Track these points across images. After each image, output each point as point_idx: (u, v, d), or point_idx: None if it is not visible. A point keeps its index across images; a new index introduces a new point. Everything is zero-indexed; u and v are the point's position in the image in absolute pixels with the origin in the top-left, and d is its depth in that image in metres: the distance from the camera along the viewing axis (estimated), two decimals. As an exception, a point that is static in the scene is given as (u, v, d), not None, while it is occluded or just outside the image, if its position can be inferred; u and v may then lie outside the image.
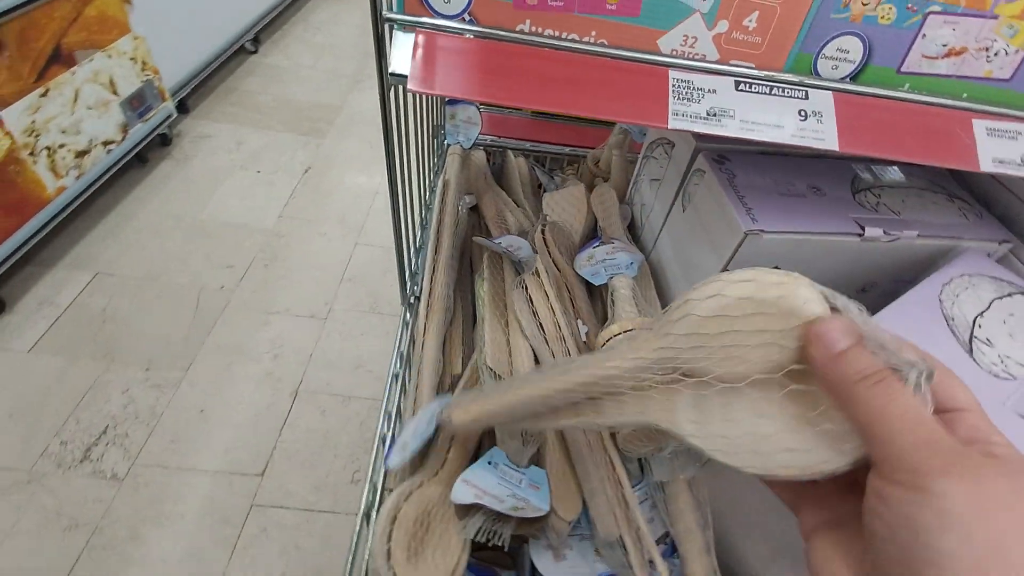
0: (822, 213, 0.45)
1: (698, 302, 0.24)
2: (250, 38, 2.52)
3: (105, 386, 1.41)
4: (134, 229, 1.78)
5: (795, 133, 0.34)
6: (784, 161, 0.51)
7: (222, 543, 1.21)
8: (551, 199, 0.68)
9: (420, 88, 0.31)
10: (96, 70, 1.61)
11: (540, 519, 0.38)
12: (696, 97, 0.34)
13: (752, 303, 0.23)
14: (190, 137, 2.14)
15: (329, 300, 1.71)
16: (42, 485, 1.23)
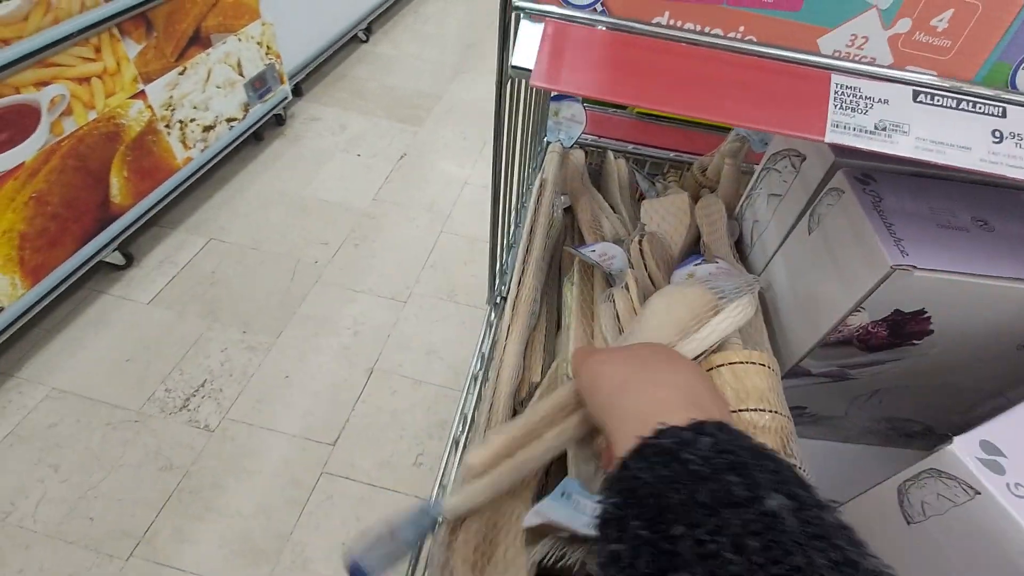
0: (990, 252, 0.38)
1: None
2: (363, 27, 2.64)
3: (207, 343, 1.53)
4: (245, 200, 1.92)
5: (985, 158, 0.28)
6: (943, 186, 0.44)
7: (292, 504, 1.28)
8: (651, 207, 0.64)
9: (544, 84, 0.29)
10: (228, 52, 1.75)
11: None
12: (863, 107, 0.29)
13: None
14: (301, 119, 2.28)
15: (410, 284, 1.75)
16: (146, 426, 1.36)
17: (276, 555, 1.21)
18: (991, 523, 0.26)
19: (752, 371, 0.40)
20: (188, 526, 1.22)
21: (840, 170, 0.44)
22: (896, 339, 0.43)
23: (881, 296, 0.38)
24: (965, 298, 0.38)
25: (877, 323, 0.41)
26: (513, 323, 0.53)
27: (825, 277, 0.44)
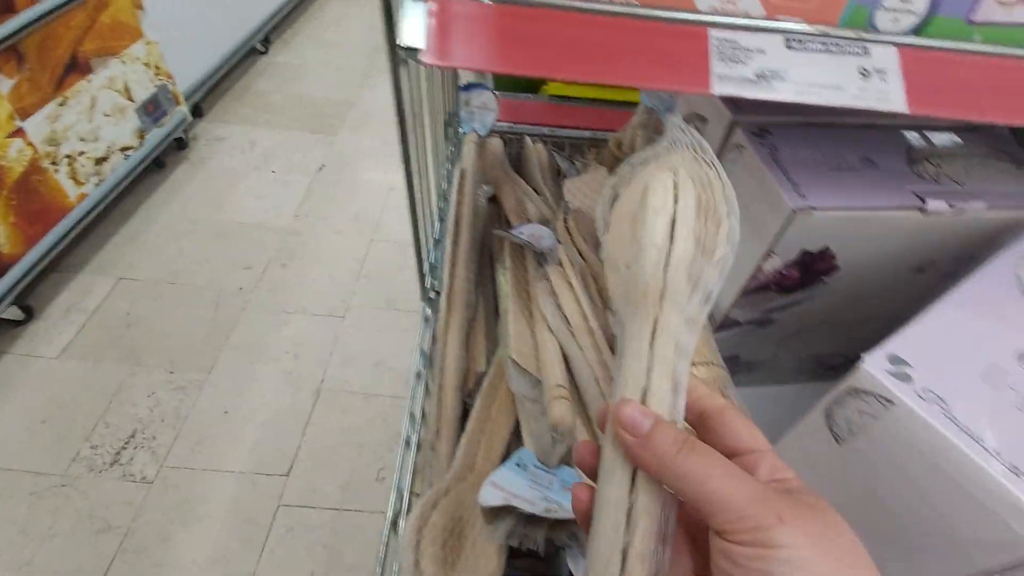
0: (878, 187, 0.41)
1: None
2: (260, 39, 2.52)
3: (131, 389, 1.42)
4: (154, 233, 1.79)
5: (856, 95, 0.30)
6: (832, 133, 0.47)
7: (250, 543, 1.21)
8: (572, 185, 0.65)
9: (435, 61, 0.28)
10: (111, 77, 1.62)
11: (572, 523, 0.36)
12: (743, 58, 0.30)
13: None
14: (205, 140, 2.15)
15: (346, 298, 1.70)
16: (75, 489, 1.25)
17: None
18: (907, 429, 0.28)
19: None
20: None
21: (738, 126, 0.46)
22: (808, 278, 0.45)
23: (788, 239, 0.41)
24: (861, 231, 0.41)
25: (789, 265, 0.44)
26: (450, 316, 0.52)
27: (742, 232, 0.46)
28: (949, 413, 0.27)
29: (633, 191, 0.25)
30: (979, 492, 0.26)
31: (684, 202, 0.24)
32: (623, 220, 0.25)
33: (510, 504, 0.34)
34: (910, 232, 0.42)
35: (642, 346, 0.23)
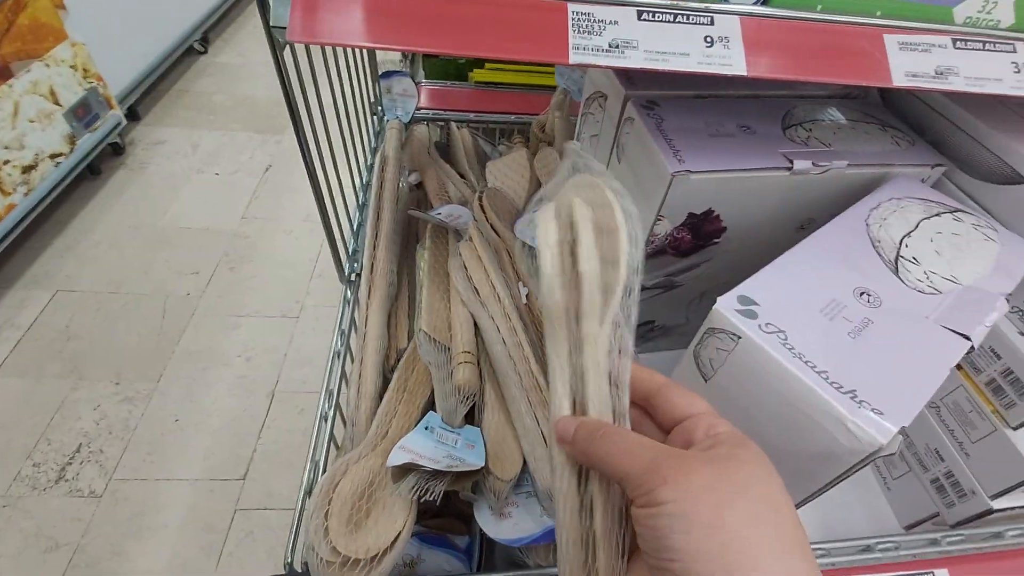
0: (751, 150, 0.45)
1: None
2: (198, 38, 2.45)
3: (74, 404, 1.37)
4: (92, 242, 1.73)
5: (701, 60, 0.33)
6: (717, 103, 0.50)
7: (208, 550, 1.19)
8: (494, 167, 0.67)
9: (300, 38, 0.30)
10: (34, 81, 1.55)
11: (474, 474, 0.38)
12: (597, 29, 0.32)
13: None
14: (143, 144, 2.08)
15: (300, 298, 1.68)
16: (18, 509, 1.20)
17: (200, 607, 1.13)
18: (752, 359, 0.31)
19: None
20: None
21: (630, 100, 0.49)
22: (699, 240, 0.49)
23: (672, 202, 0.43)
24: (740, 192, 0.45)
25: (680, 228, 0.47)
26: (372, 296, 0.53)
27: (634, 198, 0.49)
28: (786, 342, 0.30)
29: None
30: (810, 409, 0.29)
31: (582, 227, 0.27)
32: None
33: (416, 463, 0.36)
34: (783, 191, 0.45)
35: (561, 362, 0.27)
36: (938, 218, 0.40)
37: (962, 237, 0.39)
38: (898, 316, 0.33)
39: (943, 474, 0.48)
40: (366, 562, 0.34)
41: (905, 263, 0.36)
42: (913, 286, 0.35)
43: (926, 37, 0.36)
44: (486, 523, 0.37)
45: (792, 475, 0.32)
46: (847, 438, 0.28)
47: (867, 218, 0.40)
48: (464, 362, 0.42)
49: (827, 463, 0.30)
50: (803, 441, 0.30)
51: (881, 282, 0.35)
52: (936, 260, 0.37)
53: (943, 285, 0.35)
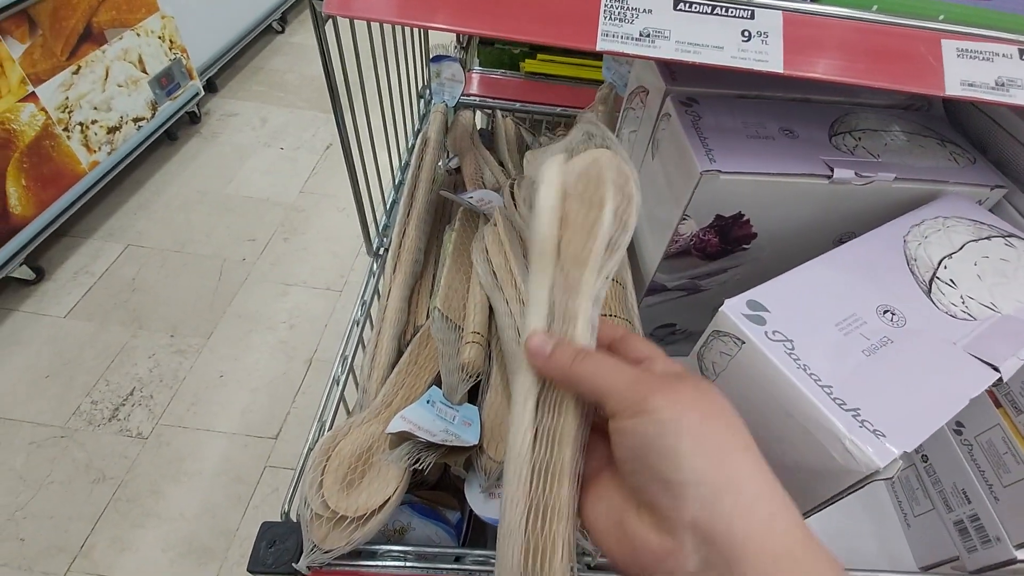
0: (790, 155, 0.43)
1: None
2: (277, 18, 2.56)
3: (133, 351, 1.48)
4: (163, 203, 1.85)
5: (736, 55, 0.32)
6: (761, 105, 0.49)
7: (236, 500, 1.26)
8: (532, 156, 0.67)
9: (337, 11, 0.31)
10: (126, 48, 1.67)
11: (467, 450, 0.38)
12: (629, 17, 0.32)
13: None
14: (217, 115, 2.20)
15: (345, 273, 1.74)
16: (74, 440, 1.31)
17: (224, 552, 1.20)
18: (754, 366, 0.30)
19: (599, 284, 0.44)
20: (127, 535, 1.19)
21: (669, 96, 0.48)
22: (727, 244, 0.47)
23: (700, 201, 0.42)
24: (773, 197, 0.43)
25: (706, 230, 0.46)
26: (397, 271, 0.55)
27: (663, 195, 0.48)
28: (792, 352, 0.29)
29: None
30: (809, 424, 0.28)
31: (608, 177, 0.28)
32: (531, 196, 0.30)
33: (412, 433, 0.37)
34: (820, 200, 0.43)
35: (541, 294, 0.28)
36: (987, 241, 0.37)
37: (1011, 264, 0.36)
38: (922, 338, 0.31)
39: (968, 516, 0.45)
40: (353, 520, 0.35)
41: (940, 284, 0.34)
42: (945, 309, 0.33)
43: (989, 45, 0.34)
44: (474, 500, 0.38)
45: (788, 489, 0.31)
46: (844, 457, 0.26)
47: (906, 234, 0.38)
48: (472, 342, 0.43)
49: (823, 480, 0.28)
50: (801, 456, 0.29)
51: (909, 302, 0.33)
52: (976, 285, 0.34)
53: (979, 312, 0.33)
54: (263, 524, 0.38)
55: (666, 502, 0.21)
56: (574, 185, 0.28)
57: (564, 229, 0.28)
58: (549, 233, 0.28)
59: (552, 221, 0.28)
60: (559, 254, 0.28)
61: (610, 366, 0.24)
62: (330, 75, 0.42)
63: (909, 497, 0.52)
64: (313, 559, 0.34)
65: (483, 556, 0.38)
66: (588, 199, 0.28)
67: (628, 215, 0.28)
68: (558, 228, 0.28)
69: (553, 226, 0.28)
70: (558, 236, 0.28)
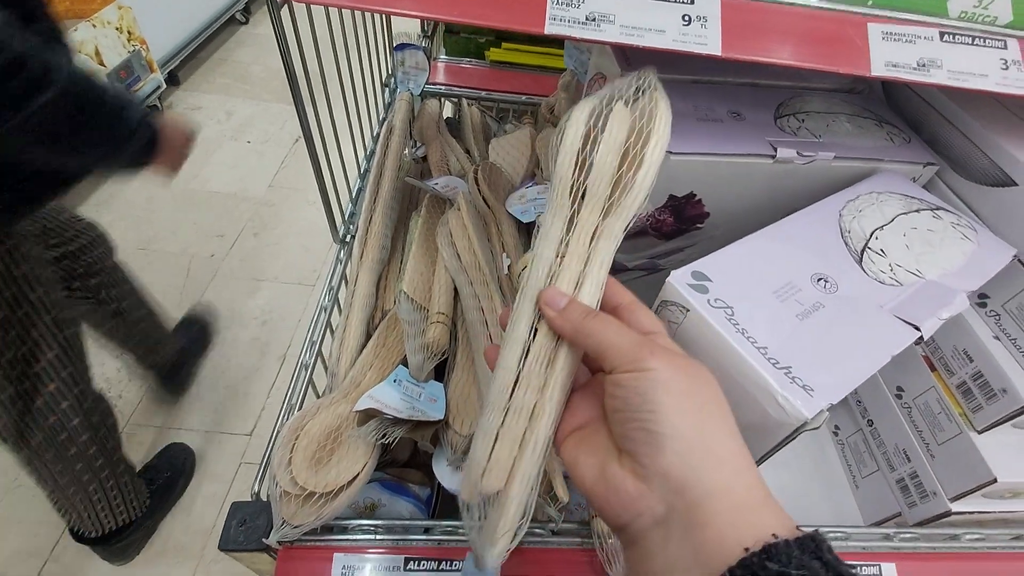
0: (738, 136, 0.45)
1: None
2: (240, 8, 2.51)
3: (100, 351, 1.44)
4: (126, 200, 1.80)
5: (677, 38, 0.34)
6: (712, 89, 0.51)
7: (211, 498, 1.25)
8: (497, 144, 0.68)
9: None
10: (81, 40, 1.62)
11: (433, 425, 0.39)
12: (576, 2, 0.33)
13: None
14: (181, 108, 2.15)
15: (317, 268, 1.73)
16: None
17: (200, 550, 1.19)
18: (699, 332, 0.32)
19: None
20: (99, 536, 1.17)
21: (624, 81, 0.50)
22: (681, 224, 0.49)
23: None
24: (722, 176, 0.45)
25: (661, 210, 0.47)
26: (364, 257, 0.56)
27: (621, 177, 0.49)
28: (732, 318, 0.31)
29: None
30: (747, 382, 0.30)
31: (613, 124, 0.28)
32: (555, 137, 0.30)
33: (380, 411, 0.38)
34: (767, 179, 0.45)
35: (555, 234, 0.29)
36: (916, 214, 0.40)
37: (937, 234, 0.39)
38: (852, 303, 0.33)
39: (908, 474, 0.48)
40: (322, 495, 0.36)
41: (871, 254, 0.36)
42: (875, 276, 0.35)
43: (912, 28, 0.36)
44: (442, 474, 0.39)
45: (729, 447, 0.33)
46: (776, 411, 0.28)
47: (842, 208, 0.40)
48: (437, 322, 0.44)
49: (761, 434, 0.30)
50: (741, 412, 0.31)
51: (842, 270, 0.35)
52: (904, 254, 0.37)
53: (905, 278, 0.35)
54: (233, 504, 0.38)
55: (645, 450, 0.24)
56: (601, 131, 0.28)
57: (584, 173, 0.28)
58: (567, 172, 0.29)
59: (572, 163, 0.28)
60: (579, 198, 0.29)
61: (616, 327, 0.26)
62: (288, 64, 0.42)
63: (857, 461, 0.55)
64: (283, 534, 0.35)
65: (451, 527, 0.40)
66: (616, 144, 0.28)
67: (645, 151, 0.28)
68: (578, 172, 0.28)
69: (573, 169, 0.28)
70: (578, 181, 0.28)
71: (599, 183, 0.28)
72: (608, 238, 0.29)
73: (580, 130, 0.28)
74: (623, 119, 0.29)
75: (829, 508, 0.55)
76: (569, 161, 0.28)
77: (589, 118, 0.29)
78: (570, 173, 0.28)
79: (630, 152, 0.28)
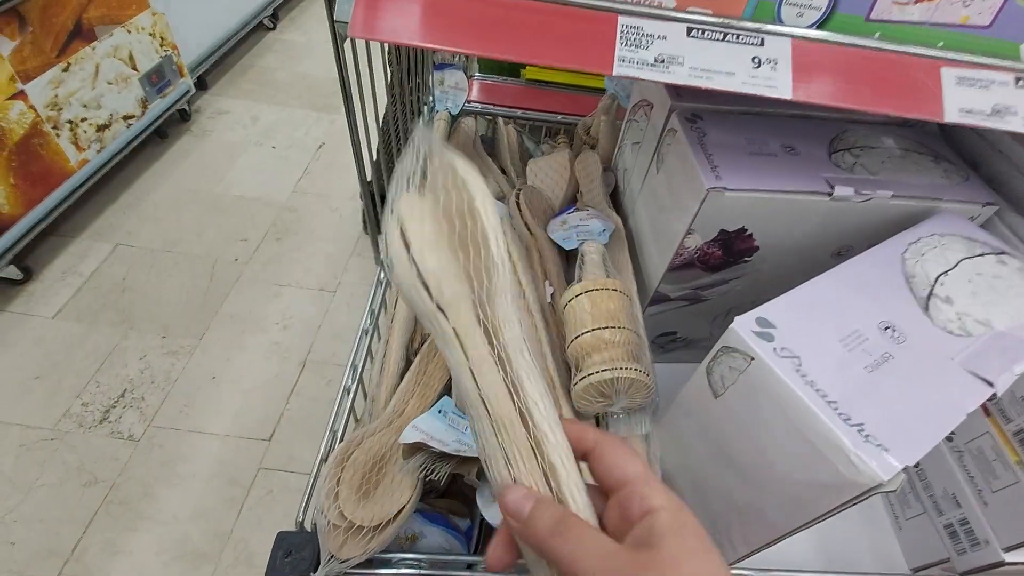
0: (793, 172, 0.44)
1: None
2: (268, 15, 2.54)
3: (123, 352, 1.46)
4: (153, 202, 1.83)
5: (747, 81, 0.33)
6: (762, 120, 0.50)
7: (230, 503, 1.26)
8: (535, 165, 0.68)
9: (361, 34, 0.31)
10: (116, 45, 1.65)
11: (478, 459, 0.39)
12: (644, 44, 0.33)
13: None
14: (208, 113, 2.18)
15: (338, 274, 1.74)
16: (64, 443, 1.30)
17: (218, 554, 1.19)
18: (763, 381, 0.31)
19: (606, 296, 0.45)
20: (120, 538, 1.18)
21: (674, 112, 0.49)
22: (730, 257, 0.49)
23: (705, 217, 0.44)
24: (775, 212, 0.44)
25: (710, 243, 0.47)
26: (403, 281, 0.55)
27: (667, 208, 0.49)
28: (800, 368, 0.30)
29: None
30: (816, 438, 0.29)
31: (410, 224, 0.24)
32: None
33: (426, 444, 0.38)
34: (821, 216, 0.45)
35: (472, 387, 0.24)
36: (981, 259, 0.39)
37: (1003, 281, 0.38)
38: (921, 355, 0.32)
39: (958, 520, 0.47)
40: (369, 530, 0.36)
41: (937, 302, 0.36)
42: (942, 326, 0.34)
43: (987, 73, 0.35)
44: (486, 508, 0.39)
45: (791, 499, 0.32)
46: (849, 470, 0.28)
47: (904, 252, 0.39)
48: (483, 352, 0.44)
49: (827, 493, 0.30)
50: (806, 469, 0.30)
51: (908, 318, 0.34)
52: (971, 302, 0.36)
53: (974, 328, 0.34)
54: (279, 534, 0.38)
55: None
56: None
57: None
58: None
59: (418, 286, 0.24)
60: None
61: (589, 552, 0.22)
62: (346, 89, 0.42)
63: (901, 502, 0.54)
64: (331, 569, 0.35)
65: (495, 563, 0.39)
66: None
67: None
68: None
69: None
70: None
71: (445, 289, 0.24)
72: (516, 350, 0.24)
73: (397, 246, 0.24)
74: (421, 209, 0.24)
75: (870, 549, 0.53)
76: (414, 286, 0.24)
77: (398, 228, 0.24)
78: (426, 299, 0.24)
79: (465, 238, 0.24)
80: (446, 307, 0.24)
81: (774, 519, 0.34)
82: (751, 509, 0.35)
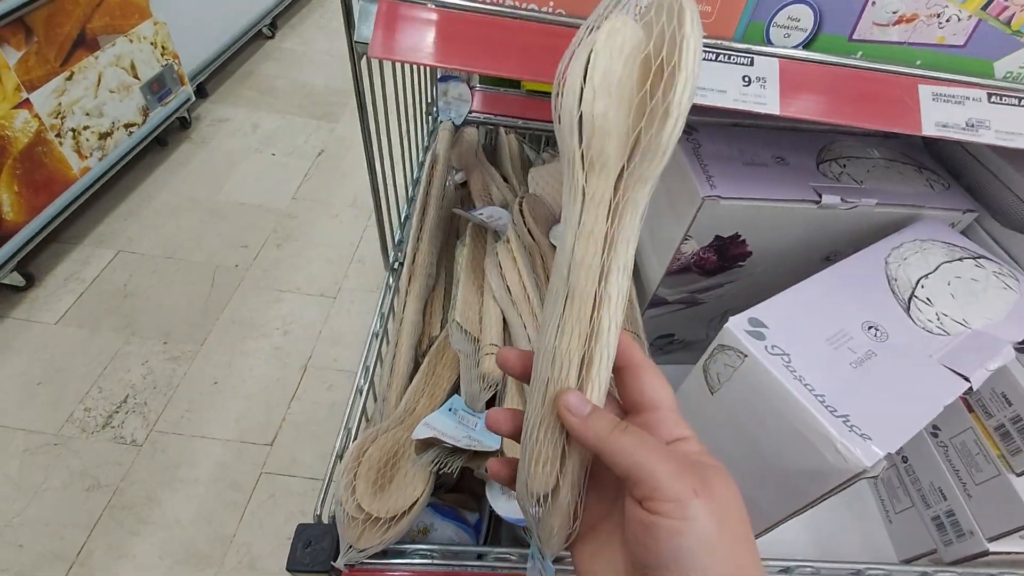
0: (783, 181, 0.47)
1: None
2: (267, 23, 2.57)
3: (126, 357, 1.48)
4: (154, 209, 1.84)
5: (738, 98, 0.36)
6: (754, 133, 0.53)
7: (233, 507, 1.27)
8: (536, 173, 0.70)
9: (379, 54, 0.34)
10: (118, 54, 1.67)
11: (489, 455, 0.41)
12: (642, 62, 0.35)
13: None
14: (208, 120, 2.20)
15: (339, 280, 1.75)
16: (68, 448, 1.31)
17: (220, 558, 1.20)
18: (756, 377, 0.33)
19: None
20: (124, 542, 1.19)
21: (670, 124, 0.52)
22: (725, 262, 0.51)
23: (701, 224, 0.46)
24: (767, 219, 0.47)
25: (706, 249, 0.49)
26: (411, 285, 0.58)
27: (666, 215, 0.51)
28: (789, 365, 0.33)
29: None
30: (805, 429, 0.31)
31: (607, 57, 0.20)
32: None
33: (438, 439, 0.40)
34: (810, 223, 0.47)
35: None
36: (959, 263, 0.42)
37: (980, 283, 0.40)
38: (902, 352, 0.35)
39: (944, 512, 0.49)
40: (386, 521, 0.38)
41: (918, 303, 0.38)
42: (922, 325, 0.37)
43: (961, 89, 0.38)
44: (496, 501, 0.41)
45: (782, 488, 0.34)
46: (835, 458, 0.30)
47: (887, 256, 0.42)
48: (490, 353, 0.46)
49: (816, 480, 0.32)
50: (796, 457, 0.32)
51: (891, 319, 0.37)
52: (950, 303, 0.38)
53: (952, 327, 0.37)
54: (299, 526, 0.40)
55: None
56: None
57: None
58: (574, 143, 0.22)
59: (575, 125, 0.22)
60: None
61: (650, 448, 0.22)
62: (362, 102, 0.45)
63: (891, 496, 0.56)
64: (350, 558, 0.37)
65: (504, 553, 0.41)
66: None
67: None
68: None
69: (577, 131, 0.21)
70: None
71: (603, 145, 0.21)
72: (624, 239, 0.22)
73: (577, 72, 0.21)
74: (623, 42, 0.20)
75: (862, 541, 0.56)
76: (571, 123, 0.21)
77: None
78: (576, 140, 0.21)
79: (647, 101, 0.20)
80: (589, 163, 0.21)
81: (767, 507, 0.36)
82: (745, 499, 0.37)
